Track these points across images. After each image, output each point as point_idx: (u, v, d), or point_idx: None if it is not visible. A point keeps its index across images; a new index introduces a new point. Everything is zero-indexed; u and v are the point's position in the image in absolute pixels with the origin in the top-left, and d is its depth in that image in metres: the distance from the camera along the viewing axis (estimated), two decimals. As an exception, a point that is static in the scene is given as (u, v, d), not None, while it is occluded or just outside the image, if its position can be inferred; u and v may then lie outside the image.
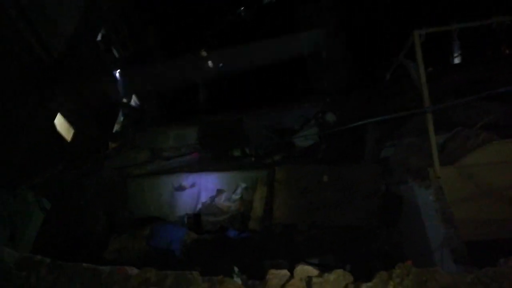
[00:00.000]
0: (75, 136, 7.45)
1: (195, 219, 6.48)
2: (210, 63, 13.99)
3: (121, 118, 9.71)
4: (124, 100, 9.90)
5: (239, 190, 6.34)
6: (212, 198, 6.52)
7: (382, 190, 5.40)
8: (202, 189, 6.68)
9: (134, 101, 10.27)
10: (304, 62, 8.51)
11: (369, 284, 1.94)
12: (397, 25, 4.54)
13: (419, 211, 4.00)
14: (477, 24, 4.17)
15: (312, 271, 2.12)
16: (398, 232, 4.74)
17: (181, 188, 6.83)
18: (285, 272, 2.17)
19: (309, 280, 2.05)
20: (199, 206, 6.60)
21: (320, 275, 2.07)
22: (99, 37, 9.40)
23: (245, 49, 12.21)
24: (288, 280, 2.10)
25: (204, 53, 13.83)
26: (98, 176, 7.41)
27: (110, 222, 6.81)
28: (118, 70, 9.79)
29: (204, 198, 6.64)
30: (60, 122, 7.11)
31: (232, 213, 6.24)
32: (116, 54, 9.79)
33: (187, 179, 6.86)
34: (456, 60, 7.40)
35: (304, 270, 2.12)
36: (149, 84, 10.69)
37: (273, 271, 2.19)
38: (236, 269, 2.85)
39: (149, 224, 6.06)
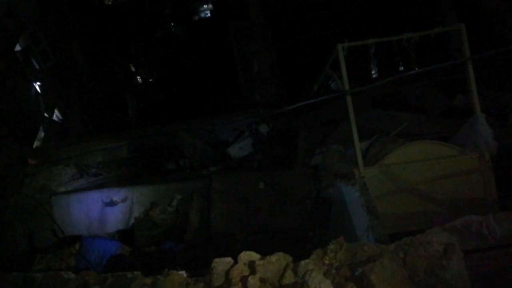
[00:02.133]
0: (-12, 153, 6.83)
1: (128, 235, 6.24)
2: (139, 77, 13.70)
3: (42, 133, 9.08)
4: (46, 114, 9.29)
5: (174, 202, 6.26)
6: (146, 212, 6.34)
7: (314, 194, 5.72)
8: (134, 203, 6.46)
9: (56, 115, 9.67)
10: (236, 75, 8.78)
11: (307, 260, 2.10)
12: (323, 41, 4.95)
13: (347, 208, 4.34)
14: (390, 39, 4.72)
15: (255, 255, 2.23)
16: (329, 231, 5.05)
17: (111, 203, 6.54)
18: (229, 260, 2.25)
19: (252, 263, 2.15)
20: (132, 221, 6.37)
21: (262, 258, 2.19)
22: (17, 48, 8.81)
23: (177, 63, 12.21)
24: (232, 266, 2.18)
25: (133, 68, 13.53)
26: (17, 195, 6.81)
27: (31, 244, 6.27)
28: (38, 83, 9.20)
29: (137, 212, 6.43)
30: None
31: (168, 226, 6.12)
32: (37, 66, 9.21)
33: (118, 194, 6.59)
34: (374, 75, 8.17)
35: (247, 255, 2.22)
36: (73, 98, 10.17)
37: (217, 259, 2.26)
38: (177, 267, 2.85)
39: (78, 241, 5.70)
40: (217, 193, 5.83)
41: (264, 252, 2.70)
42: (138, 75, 13.60)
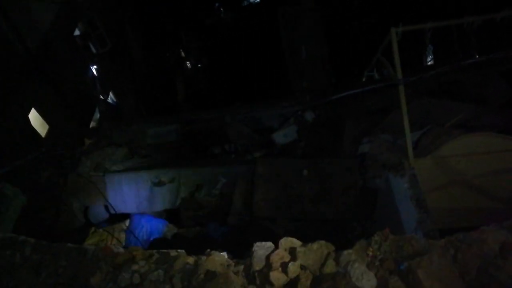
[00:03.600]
0: (49, 131, 7.32)
1: (175, 214, 6.47)
2: (189, 63, 13.98)
3: (97, 114, 9.59)
4: (101, 97, 9.78)
5: (219, 185, 6.38)
6: (192, 193, 6.53)
7: (359, 184, 5.58)
8: (181, 184, 6.67)
9: (111, 98, 10.15)
10: (284, 62, 8.68)
11: (350, 250, 2.05)
12: (375, 26, 4.74)
13: (394, 200, 4.18)
14: (449, 23, 4.41)
15: (296, 242, 2.21)
16: (374, 223, 4.91)
17: (160, 183, 6.80)
18: (270, 244, 2.25)
19: (293, 250, 2.14)
20: (179, 201, 6.59)
21: (303, 245, 2.16)
22: (76, 32, 9.29)
23: (226, 49, 12.31)
24: (273, 251, 2.18)
25: (183, 54, 13.83)
26: (74, 173, 7.28)
27: (86, 218, 6.70)
28: (95, 66, 9.68)
29: (184, 193, 6.63)
30: (34, 116, 6.97)
31: (212, 207, 6.26)
32: (94, 50, 9.68)
33: (166, 174, 6.83)
34: (429, 62, 7.74)
35: (288, 241, 2.20)
36: (127, 82, 10.60)
37: (258, 243, 2.27)
38: (219, 249, 2.90)
39: (128, 218, 6.01)
40: (261, 178, 5.86)
41: (305, 240, 2.68)
42: (188, 61, 13.90)
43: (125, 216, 6.27)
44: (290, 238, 2.24)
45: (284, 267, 2.09)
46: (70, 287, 2.36)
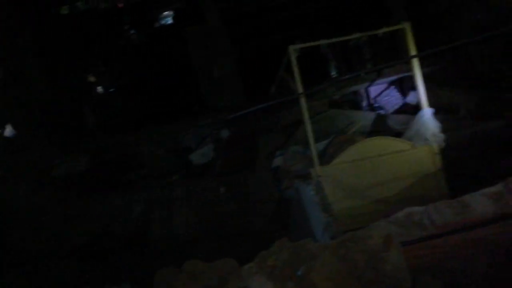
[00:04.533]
0: None
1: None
2: (100, 87, 13.32)
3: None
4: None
5: (134, 214, 6.10)
6: (107, 224, 6.15)
7: (276, 196, 5.74)
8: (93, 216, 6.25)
9: (8, 130, 9.23)
10: (197, 81, 8.72)
11: (251, 264, 2.08)
12: (281, 43, 4.98)
13: (304, 208, 4.37)
14: (339, 40, 4.82)
15: (200, 263, 2.19)
16: (291, 232, 5.06)
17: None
18: (173, 270, 2.19)
19: (194, 272, 2.11)
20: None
21: (207, 265, 2.15)
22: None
23: (139, 71, 11.98)
24: (176, 275, 2.13)
25: (92, 78, 13.15)
26: None
27: None
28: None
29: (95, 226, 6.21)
30: None
31: (129, 237, 5.95)
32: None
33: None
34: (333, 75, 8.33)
35: (191, 264, 2.17)
36: (28, 112, 9.75)
37: (160, 270, 2.20)
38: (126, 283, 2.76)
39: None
40: (179, 201, 5.75)
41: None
42: (99, 85, 13.24)
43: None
44: (194, 261, 2.20)
45: (188, 290, 2.05)
46: None
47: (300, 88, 4.65)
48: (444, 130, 4.88)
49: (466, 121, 6.60)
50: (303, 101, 4.57)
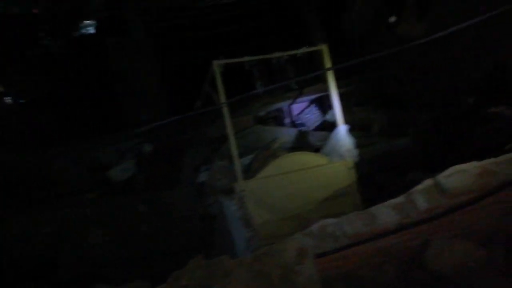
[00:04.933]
0: None
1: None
2: (9, 98, 12.11)
3: None
4: None
5: (40, 236, 5.53)
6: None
7: (200, 212, 5.62)
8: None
9: None
10: (118, 94, 8.32)
11: (164, 285, 1.98)
12: (207, 58, 4.97)
13: (227, 224, 4.33)
14: (261, 57, 4.93)
15: None
16: (214, 249, 4.97)
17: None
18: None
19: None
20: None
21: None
22: None
23: (55, 82, 11.13)
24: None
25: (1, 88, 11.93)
26: None
27: None
28: None
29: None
30: None
31: (36, 263, 5.36)
32: None
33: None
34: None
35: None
36: None
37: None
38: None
39: None
40: (94, 222, 5.34)
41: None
42: (8, 96, 12.02)
43: None
44: (101, 286, 2.03)
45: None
46: None
47: (223, 99, 4.65)
48: (358, 146, 5.22)
49: (378, 138, 7.16)
50: (226, 113, 4.58)
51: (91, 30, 12.96)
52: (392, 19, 7.76)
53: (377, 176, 5.69)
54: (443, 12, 7.75)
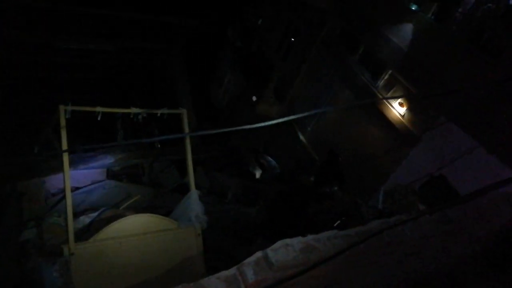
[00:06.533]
0: None
1: None
2: None
3: None
4: None
5: None
6: None
7: (17, 276, 4.65)
8: None
9: None
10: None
11: None
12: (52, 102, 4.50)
13: (45, 292, 3.67)
14: (116, 111, 4.69)
15: None
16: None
17: None
18: None
19: None
20: None
21: None
22: None
23: None
24: None
25: None
26: None
27: None
28: None
29: None
30: None
31: None
32: None
33: None
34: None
35: None
36: None
37: None
38: None
39: None
40: None
41: None
42: None
43: None
44: None
45: None
46: None
47: (65, 146, 4.17)
48: (209, 212, 5.20)
49: (231, 205, 7.34)
50: (66, 162, 4.10)
51: None
52: (254, 98, 8.52)
53: (225, 243, 5.70)
54: (296, 98, 8.89)
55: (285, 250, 2.56)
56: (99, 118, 4.45)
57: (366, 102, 6.61)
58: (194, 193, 4.79)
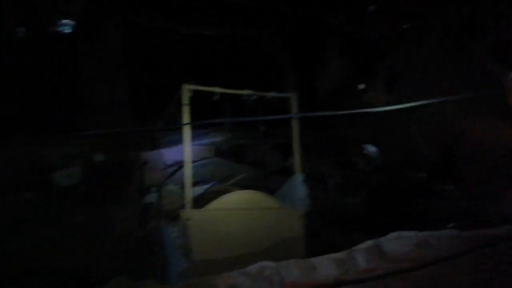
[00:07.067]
0: None
1: None
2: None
3: None
4: None
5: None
6: None
7: (140, 234, 5.35)
8: None
9: None
10: (79, 98, 8.00)
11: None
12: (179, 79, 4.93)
13: (165, 250, 4.14)
14: (232, 92, 4.98)
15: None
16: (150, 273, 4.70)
17: None
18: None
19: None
20: None
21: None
22: None
23: (15, 74, 10.62)
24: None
25: None
26: None
27: None
28: None
29: None
30: None
31: None
32: None
33: None
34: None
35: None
36: None
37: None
38: None
39: None
40: (22, 225, 4.92)
41: None
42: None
43: None
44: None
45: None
46: None
47: (186, 118, 4.58)
48: (311, 197, 5.27)
49: (332, 193, 7.32)
50: (187, 135, 4.50)
51: (67, 29, 12.64)
52: (361, 86, 8.21)
53: (324, 230, 5.74)
54: (408, 88, 8.34)
55: (399, 242, 2.49)
56: (216, 98, 4.79)
57: (491, 93, 5.90)
58: (298, 176, 4.89)
